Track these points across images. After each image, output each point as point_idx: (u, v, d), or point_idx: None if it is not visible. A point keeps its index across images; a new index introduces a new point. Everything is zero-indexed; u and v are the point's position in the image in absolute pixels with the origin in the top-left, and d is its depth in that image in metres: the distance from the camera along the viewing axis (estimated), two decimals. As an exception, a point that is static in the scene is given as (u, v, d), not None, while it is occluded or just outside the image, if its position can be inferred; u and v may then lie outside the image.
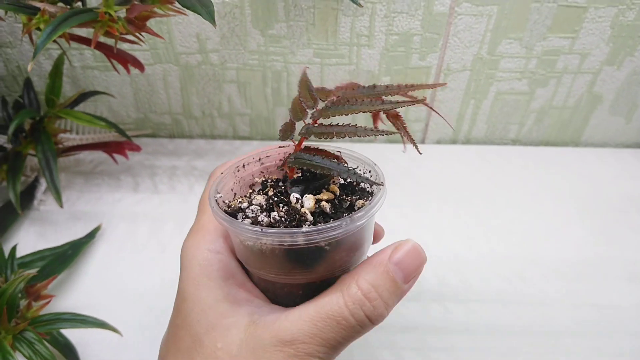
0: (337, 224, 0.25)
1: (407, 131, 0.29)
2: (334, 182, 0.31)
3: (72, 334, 0.44)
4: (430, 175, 0.65)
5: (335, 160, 0.27)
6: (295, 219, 0.27)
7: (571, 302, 0.50)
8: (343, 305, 0.27)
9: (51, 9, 0.42)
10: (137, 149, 0.60)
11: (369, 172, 0.32)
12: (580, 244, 0.56)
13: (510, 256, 0.54)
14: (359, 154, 0.33)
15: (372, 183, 0.27)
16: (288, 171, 0.31)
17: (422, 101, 0.28)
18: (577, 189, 0.63)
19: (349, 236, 0.27)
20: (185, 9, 0.44)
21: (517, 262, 0.54)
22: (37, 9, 0.42)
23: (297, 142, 0.29)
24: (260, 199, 0.29)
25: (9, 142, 0.55)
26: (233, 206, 0.30)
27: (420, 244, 0.44)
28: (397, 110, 0.28)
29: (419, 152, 0.29)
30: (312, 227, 0.26)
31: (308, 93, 0.29)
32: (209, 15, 0.35)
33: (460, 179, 0.65)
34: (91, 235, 0.55)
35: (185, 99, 0.66)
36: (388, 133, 0.27)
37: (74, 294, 0.50)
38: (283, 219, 0.27)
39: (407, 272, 0.27)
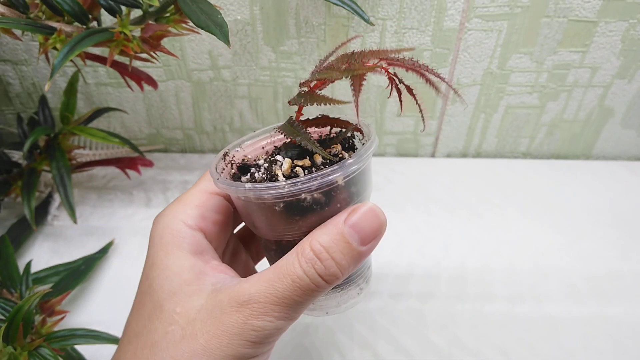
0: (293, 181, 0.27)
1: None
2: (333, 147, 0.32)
3: (86, 350, 0.44)
4: (441, 189, 0.65)
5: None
6: (269, 178, 0.29)
7: (585, 316, 0.49)
8: (297, 265, 0.27)
9: (67, 28, 0.43)
10: (149, 164, 0.61)
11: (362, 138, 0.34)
12: (594, 257, 0.56)
13: (523, 269, 0.54)
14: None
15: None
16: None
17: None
18: (589, 202, 0.63)
19: (329, 194, 0.28)
20: (197, 29, 0.45)
21: (529, 276, 0.53)
22: (54, 29, 0.43)
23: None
24: (262, 161, 0.32)
25: (24, 159, 0.55)
26: (246, 161, 0.33)
27: (432, 256, 0.43)
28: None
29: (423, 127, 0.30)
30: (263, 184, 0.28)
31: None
32: (224, 36, 0.35)
33: (471, 192, 0.65)
34: (104, 251, 0.55)
35: (197, 115, 0.67)
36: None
37: (87, 309, 0.51)
38: (263, 177, 0.29)
39: (363, 235, 0.28)
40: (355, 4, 0.43)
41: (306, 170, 0.30)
